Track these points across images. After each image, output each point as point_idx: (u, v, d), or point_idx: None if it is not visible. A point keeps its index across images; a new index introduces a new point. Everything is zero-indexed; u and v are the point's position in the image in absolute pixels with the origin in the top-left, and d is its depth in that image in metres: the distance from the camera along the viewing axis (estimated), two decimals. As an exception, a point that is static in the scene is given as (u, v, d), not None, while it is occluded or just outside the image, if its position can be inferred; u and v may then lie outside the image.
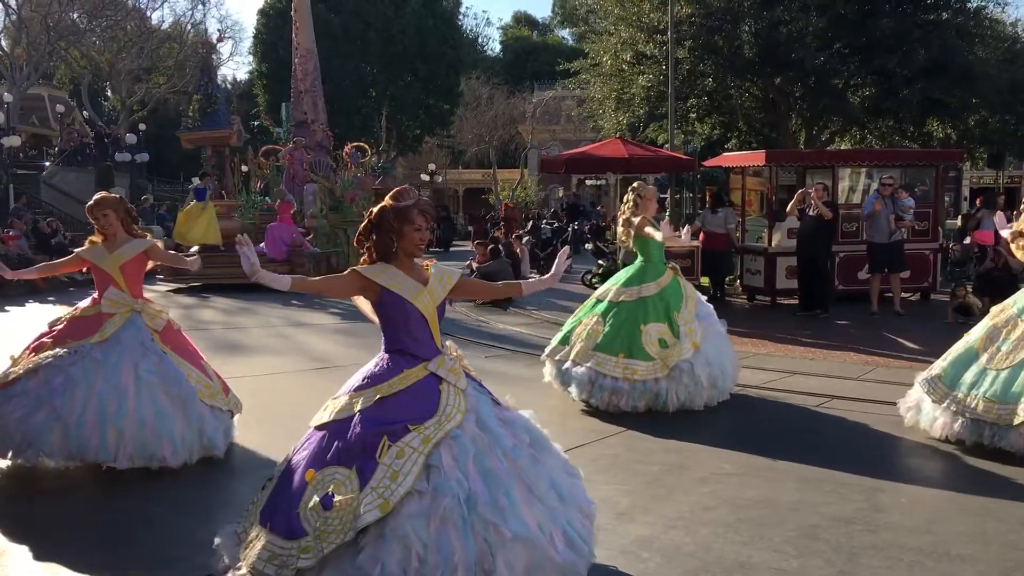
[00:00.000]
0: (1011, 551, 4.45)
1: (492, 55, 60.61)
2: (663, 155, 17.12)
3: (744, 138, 23.55)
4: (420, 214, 3.85)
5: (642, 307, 7.36)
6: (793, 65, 19.48)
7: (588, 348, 7.33)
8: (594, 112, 24.63)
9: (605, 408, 7.19)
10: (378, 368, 3.85)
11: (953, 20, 19.93)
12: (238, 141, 19.22)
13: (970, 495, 5.30)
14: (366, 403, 3.71)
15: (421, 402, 3.71)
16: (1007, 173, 45.30)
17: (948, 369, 6.23)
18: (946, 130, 24.89)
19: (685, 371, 7.12)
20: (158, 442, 5.51)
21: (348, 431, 3.66)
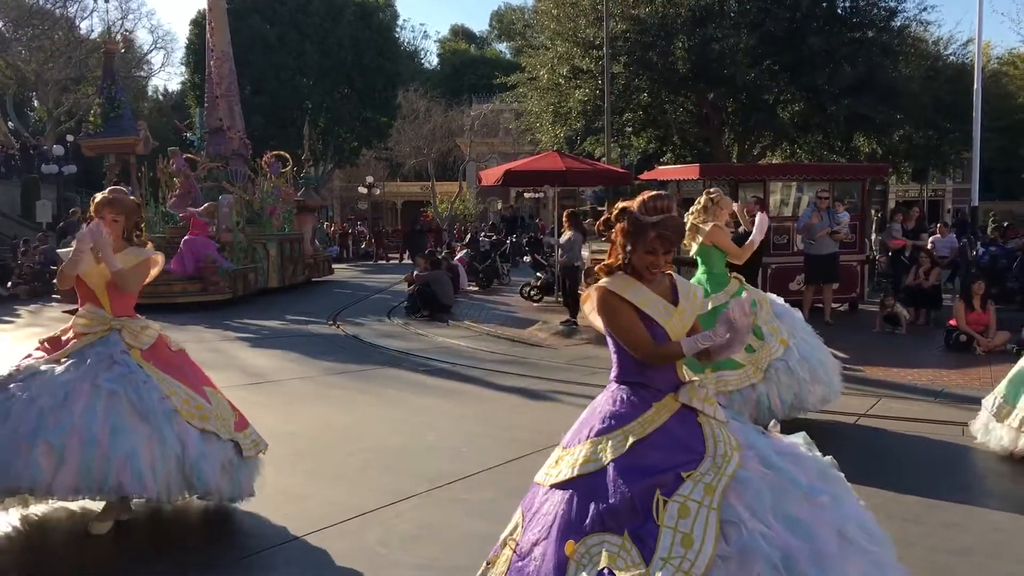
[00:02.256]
0: (935, 553, 4.57)
1: (430, 68, 60.62)
2: (600, 168, 17.26)
3: (679, 152, 23.91)
4: (657, 238, 3.14)
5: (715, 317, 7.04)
6: (725, 81, 19.87)
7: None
8: (532, 125, 24.79)
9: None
10: (618, 405, 3.16)
11: (878, 38, 20.57)
12: (145, 149, 17.82)
13: (899, 495, 5.43)
14: (617, 450, 3.03)
15: (683, 442, 3.05)
16: (930, 187, 46.78)
17: (1008, 388, 6.32)
18: (872, 145, 25.68)
19: (781, 370, 6.61)
20: (109, 464, 4.35)
21: (605, 488, 2.96)
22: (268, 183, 20.42)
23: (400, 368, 10.22)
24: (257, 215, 19.40)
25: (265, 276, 18.59)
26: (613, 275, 3.24)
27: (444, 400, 8.38)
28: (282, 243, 19.54)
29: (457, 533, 4.88)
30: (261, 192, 19.96)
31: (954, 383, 9.03)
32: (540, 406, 8.17)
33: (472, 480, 5.80)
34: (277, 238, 19.39)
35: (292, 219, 21.09)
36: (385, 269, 27.18)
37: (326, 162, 43.38)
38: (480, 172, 17.88)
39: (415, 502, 5.36)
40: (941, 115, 27.24)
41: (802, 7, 19.46)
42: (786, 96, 21.14)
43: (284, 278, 19.39)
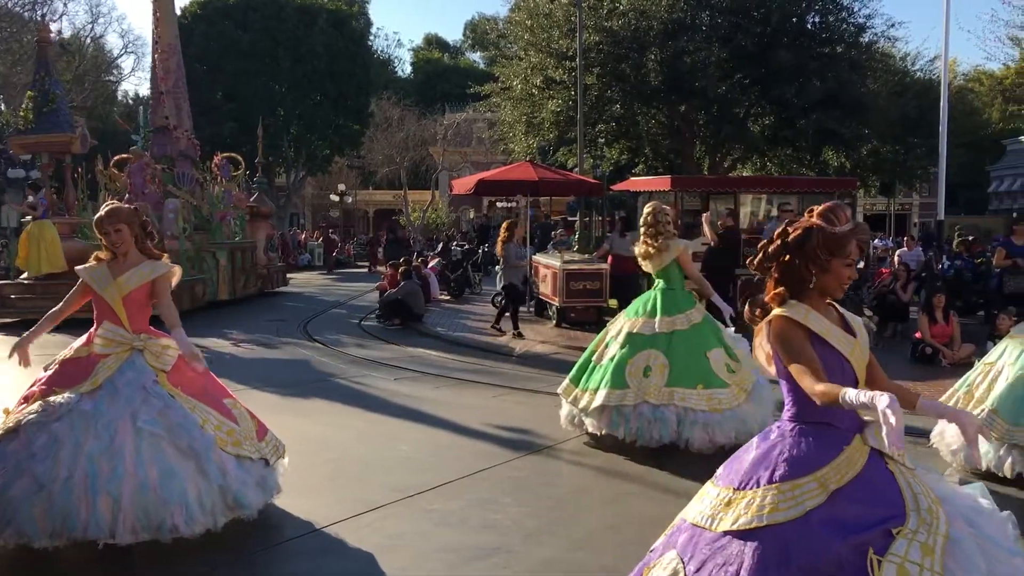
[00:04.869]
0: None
1: (403, 76, 60.61)
2: (572, 179, 17.34)
3: (651, 163, 24.08)
4: (857, 245, 2.96)
5: (699, 334, 6.84)
6: (697, 94, 20.06)
7: (661, 385, 6.62)
8: (505, 135, 24.86)
9: (699, 447, 6.48)
10: (804, 448, 2.85)
11: (847, 54, 20.87)
12: (82, 148, 16.12)
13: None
14: (813, 499, 2.71)
15: (882, 493, 2.74)
16: (897, 200, 47.46)
17: (1002, 404, 5.98)
18: (841, 159, 26.01)
19: (758, 393, 6.73)
20: (166, 508, 4.39)
21: (803, 541, 2.66)
22: (218, 187, 19.16)
23: (370, 378, 10.18)
24: (206, 221, 18.18)
25: (215, 287, 17.36)
26: (787, 304, 2.97)
27: (414, 410, 8.36)
28: (233, 252, 18.26)
29: (427, 543, 4.86)
30: (210, 197, 18.71)
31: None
32: (510, 416, 8.16)
33: (442, 490, 5.78)
34: (228, 246, 18.14)
35: (244, 226, 19.90)
36: (355, 278, 27.07)
37: (298, 169, 43.19)
38: (453, 181, 17.94)
39: (384, 512, 5.33)
40: (908, 130, 27.72)
41: (772, 22, 19.71)
42: (756, 110, 21.38)
43: (235, 289, 18.19)
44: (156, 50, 19.40)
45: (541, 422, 7.75)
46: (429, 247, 28.69)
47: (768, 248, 3.03)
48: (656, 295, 7.08)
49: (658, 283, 7.19)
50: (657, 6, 19.53)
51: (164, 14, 19.35)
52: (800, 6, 20.67)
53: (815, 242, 2.93)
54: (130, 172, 17.67)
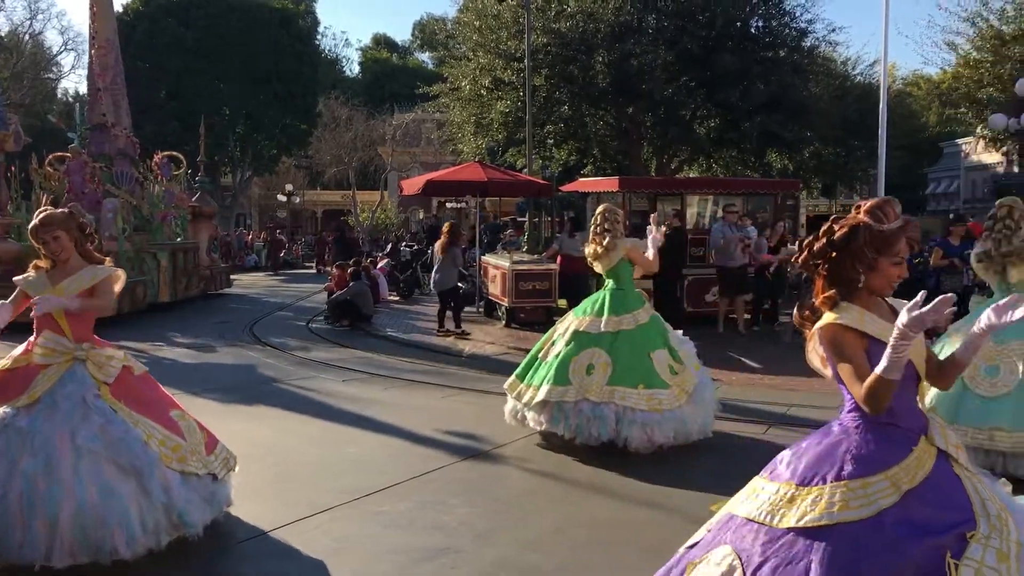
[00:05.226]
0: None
1: (351, 76, 60.14)
2: (521, 179, 17.40)
3: (599, 164, 24.25)
4: (907, 244, 2.85)
5: (644, 334, 6.90)
6: (644, 96, 20.26)
7: (603, 383, 6.65)
8: (454, 136, 24.84)
9: (637, 447, 6.53)
10: (872, 446, 2.76)
11: (789, 58, 21.26)
12: (16, 145, 15.71)
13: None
14: (886, 499, 2.64)
15: (951, 497, 2.68)
16: (839, 202, 48.44)
17: (940, 403, 5.94)
18: (784, 161, 26.48)
19: (699, 395, 6.81)
20: (105, 529, 4.18)
21: (876, 542, 2.59)
22: (158, 186, 18.67)
23: (318, 380, 10.10)
24: (146, 222, 17.77)
25: (155, 289, 16.94)
26: (838, 307, 2.84)
27: (362, 411, 8.32)
28: (175, 253, 17.86)
29: (376, 546, 4.85)
30: (151, 196, 18.26)
31: (860, 392, 9.34)
32: (459, 417, 8.17)
33: (391, 492, 5.77)
34: (169, 247, 17.76)
35: (186, 226, 19.46)
36: (303, 279, 26.81)
37: (244, 169, 42.62)
38: (401, 181, 17.84)
39: (332, 515, 5.31)
40: (849, 133, 28.28)
41: (717, 26, 19.99)
42: (702, 112, 21.66)
43: (177, 291, 17.79)
44: (93, 46, 18.85)
45: (490, 423, 7.76)
46: (377, 248, 28.52)
47: (813, 246, 2.92)
48: (605, 295, 7.14)
49: (608, 283, 7.25)
50: (604, 9, 19.68)
51: (101, 9, 18.80)
52: (744, 11, 20.99)
53: (861, 240, 2.81)
54: (68, 171, 17.21)
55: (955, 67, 21.62)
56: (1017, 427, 5.66)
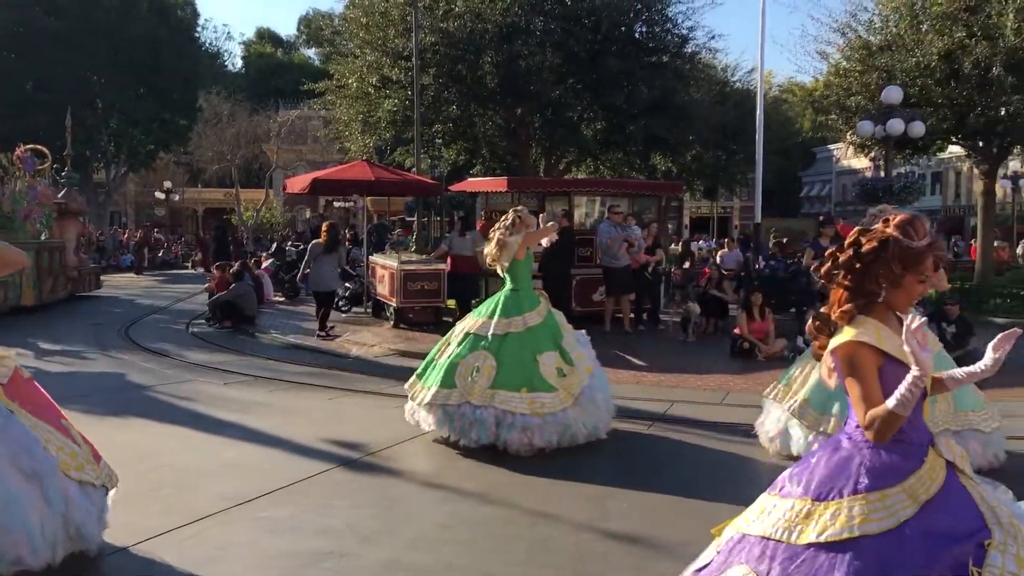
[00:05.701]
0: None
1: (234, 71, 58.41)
2: (410, 179, 17.27)
3: (488, 164, 24.32)
4: (934, 262, 2.82)
5: (532, 337, 6.86)
6: (532, 97, 20.42)
7: (485, 387, 6.66)
8: (341, 134, 24.45)
9: (516, 449, 6.54)
10: (885, 458, 2.73)
11: (672, 63, 21.79)
12: None
13: (685, 498, 5.75)
14: (906, 510, 2.63)
15: (964, 506, 2.69)
16: (720, 204, 50.12)
17: (813, 395, 6.39)
18: (668, 163, 27.20)
19: (588, 398, 6.79)
20: (8, 537, 3.92)
21: (900, 553, 2.57)
22: (21, 182, 17.53)
23: (198, 383, 9.76)
24: (8, 219, 16.76)
25: (18, 292, 15.96)
26: (855, 321, 2.79)
27: (244, 415, 8.08)
28: (40, 252, 16.75)
29: (257, 552, 4.72)
30: (12, 192, 17.22)
31: (739, 387, 9.69)
32: (345, 419, 8.05)
33: (273, 496, 5.62)
34: (34, 246, 16.40)
35: (52, 224, 18.36)
36: (182, 279, 25.91)
37: (119, 165, 40.85)
38: (287, 180, 17.43)
39: (212, 522, 5.13)
40: (728, 137, 29.29)
41: (602, 30, 20.31)
42: (589, 114, 21.99)
43: (42, 293, 16.82)
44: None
45: (377, 424, 7.68)
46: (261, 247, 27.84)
47: (839, 257, 2.85)
48: (501, 296, 7.16)
49: (506, 283, 7.25)
50: (492, 10, 19.72)
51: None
52: (628, 16, 21.38)
53: (890, 255, 2.75)
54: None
55: (826, 75, 22.55)
56: None
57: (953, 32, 18.10)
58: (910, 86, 18.36)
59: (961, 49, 17.95)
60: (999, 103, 18.32)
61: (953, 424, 6.03)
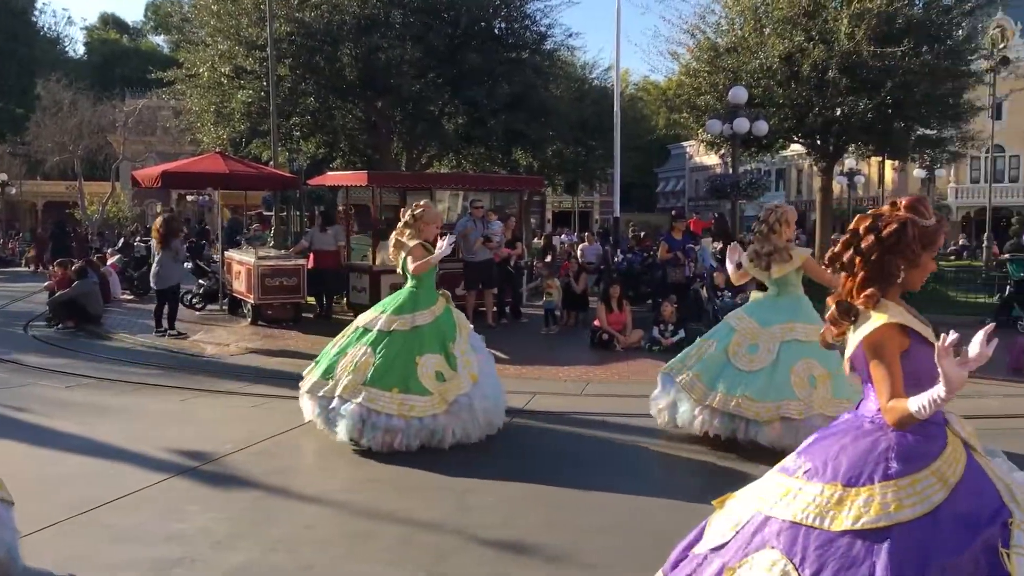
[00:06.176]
0: (579, 533, 4.99)
1: (76, 57, 55.32)
2: (266, 172, 16.77)
3: (348, 158, 23.94)
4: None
5: (417, 337, 6.69)
6: (392, 91, 20.23)
7: (358, 383, 6.52)
8: (192, 125, 23.51)
9: (379, 449, 6.43)
10: (912, 440, 2.75)
11: (531, 60, 22.04)
12: None
13: (545, 486, 5.86)
14: (938, 493, 2.66)
15: (983, 485, 2.73)
16: (581, 199, 51.15)
17: (703, 370, 6.76)
18: (529, 159, 27.53)
19: (464, 407, 6.62)
20: None
21: (934, 538, 2.59)
22: None
23: (37, 387, 9.20)
24: None
25: None
26: (880, 305, 2.84)
27: (89, 419, 7.67)
28: None
29: (103, 562, 4.50)
30: None
31: (598, 378, 9.95)
32: (199, 420, 7.79)
33: (121, 503, 5.37)
34: None
35: None
36: (18, 278, 24.33)
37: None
38: (135, 172, 16.56)
39: (55, 532, 4.86)
40: (587, 134, 29.95)
41: (461, 25, 20.33)
42: (450, 109, 21.97)
43: None
44: None
45: (232, 425, 7.47)
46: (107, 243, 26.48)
47: (860, 244, 2.88)
48: (400, 293, 7.04)
49: (408, 281, 7.08)
50: (350, 1, 19.41)
51: None
52: (487, 11, 21.48)
53: (910, 236, 2.82)
54: None
55: (678, 75, 23.40)
56: (763, 399, 6.43)
57: (793, 36, 19.11)
58: (754, 87, 19.27)
59: (800, 52, 18.96)
60: (835, 104, 19.47)
61: (829, 409, 6.24)
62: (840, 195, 36.48)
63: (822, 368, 6.46)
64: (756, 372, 6.56)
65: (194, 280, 15.97)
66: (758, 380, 6.51)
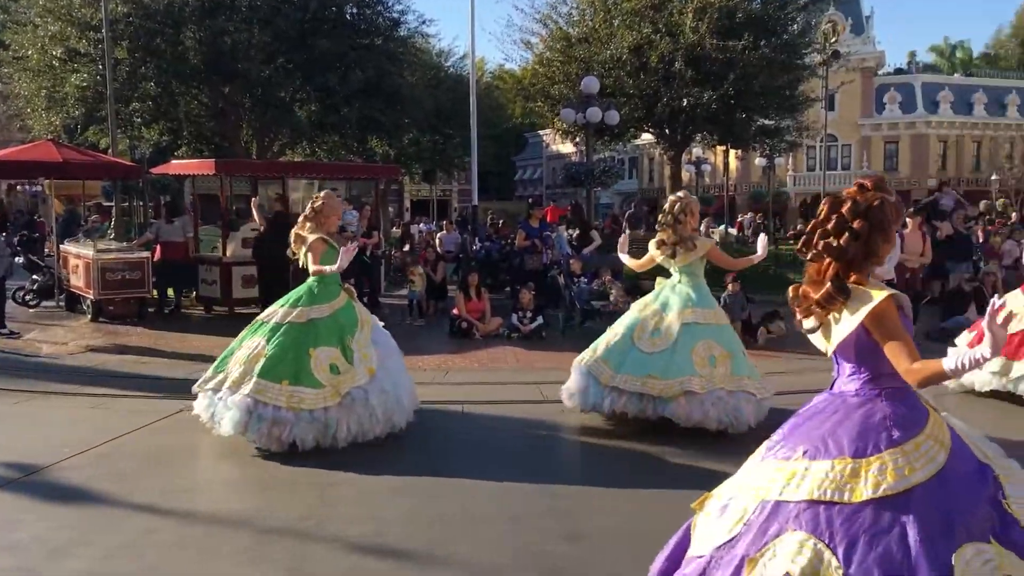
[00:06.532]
0: (442, 523, 4.98)
1: None
2: (104, 160, 15.83)
3: (195, 146, 23.02)
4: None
5: (312, 330, 6.49)
6: (240, 76, 19.55)
7: (247, 374, 6.31)
8: (21, 111, 22.01)
9: (266, 444, 6.19)
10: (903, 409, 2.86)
11: (384, 46, 21.77)
12: None
13: (408, 477, 5.81)
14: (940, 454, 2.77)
15: (961, 444, 2.87)
16: (439, 187, 51.07)
17: (610, 354, 7.00)
18: (385, 147, 27.22)
19: (358, 400, 6.39)
20: None
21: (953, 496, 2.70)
22: None
23: None
24: None
25: None
26: (869, 283, 2.92)
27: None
28: None
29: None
30: None
31: (457, 365, 9.95)
32: (34, 424, 7.30)
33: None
34: None
35: None
36: None
37: None
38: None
39: None
40: (444, 122, 29.88)
41: (311, 9, 19.86)
42: (301, 95, 21.46)
43: None
44: None
45: (70, 427, 7.06)
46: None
47: (854, 226, 2.91)
48: (301, 287, 6.81)
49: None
50: (193, -18, 18.64)
51: None
52: (337, -4, 21.12)
53: (887, 213, 2.93)
54: None
55: (532, 64, 23.68)
56: (667, 377, 6.72)
57: (641, 28, 19.69)
58: (606, 77, 19.75)
59: (648, 44, 19.57)
60: (681, 95, 20.20)
61: (728, 385, 6.74)
62: (689, 182, 37.90)
63: (721, 348, 6.90)
64: (659, 353, 6.86)
65: (27, 276, 14.94)
66: (661, 360, 6.82)
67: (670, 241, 7.10)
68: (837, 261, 2.91)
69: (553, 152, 58.56)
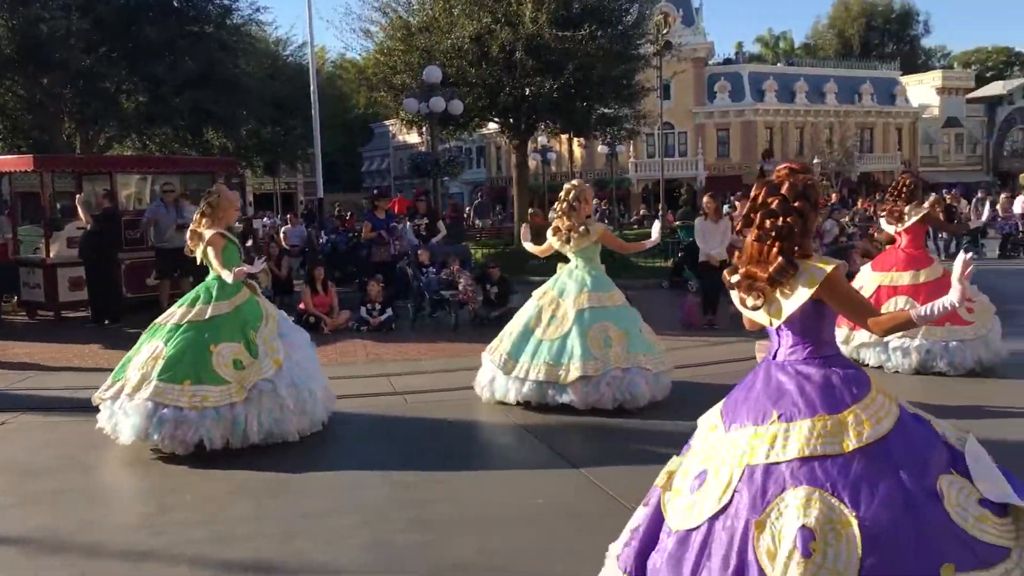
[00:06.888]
0: (282, 522, 4.87)
1: None
2: (-95, 158, 14.63)
3: (11, 140, 21.52)
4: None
5: (212, 327, 6.24)
6: (58, 65, 18.40)
7: (146, 378, 6.03)
8: None
9: (172, 449, 5.92)
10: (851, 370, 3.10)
11: (216, 34, 20.99)
12: None
13: (249, 472, 5.65)
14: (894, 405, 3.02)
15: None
16: (283, 180, 49.79)
17: (512, 345, 7.20)
18: (222, 139, 26.27)
19: (266, 392, 6.14)
20: None
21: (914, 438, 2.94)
22: None
23: None
24: None
25: None
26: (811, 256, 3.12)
27: None
28: None
29: None
30: None
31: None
32: None
33: None
34: None
35: None
36: None
37: None
38: None
39: None
40: (285, 113, 29.14)
41: (133, -6, 18.94)
42: (128, 86, 20.42)
43: None
44: None
45: None
46: None
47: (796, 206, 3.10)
48: (200, 286, 6.52)
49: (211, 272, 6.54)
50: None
51: None
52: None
53: (818, 192, 3.19)
54: None
55: (373, 54, 23.34)
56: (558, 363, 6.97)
57: (481, 17, 19.74)
58: (448, 66, 19.69)
59: (489, 33, 19.65)
60: (523, 84, 20.41)
61: (624, 363, 6.96)
62: (536, 170, 38.51)
63: (617, 329, 7.09)
64: (555, 340, 7.08)
65: None
66: (555, 347, 7.04)
67: (565, 227, 7.34)
68: (784, 240, 3.10)
69: (400, 143, 58.18)
